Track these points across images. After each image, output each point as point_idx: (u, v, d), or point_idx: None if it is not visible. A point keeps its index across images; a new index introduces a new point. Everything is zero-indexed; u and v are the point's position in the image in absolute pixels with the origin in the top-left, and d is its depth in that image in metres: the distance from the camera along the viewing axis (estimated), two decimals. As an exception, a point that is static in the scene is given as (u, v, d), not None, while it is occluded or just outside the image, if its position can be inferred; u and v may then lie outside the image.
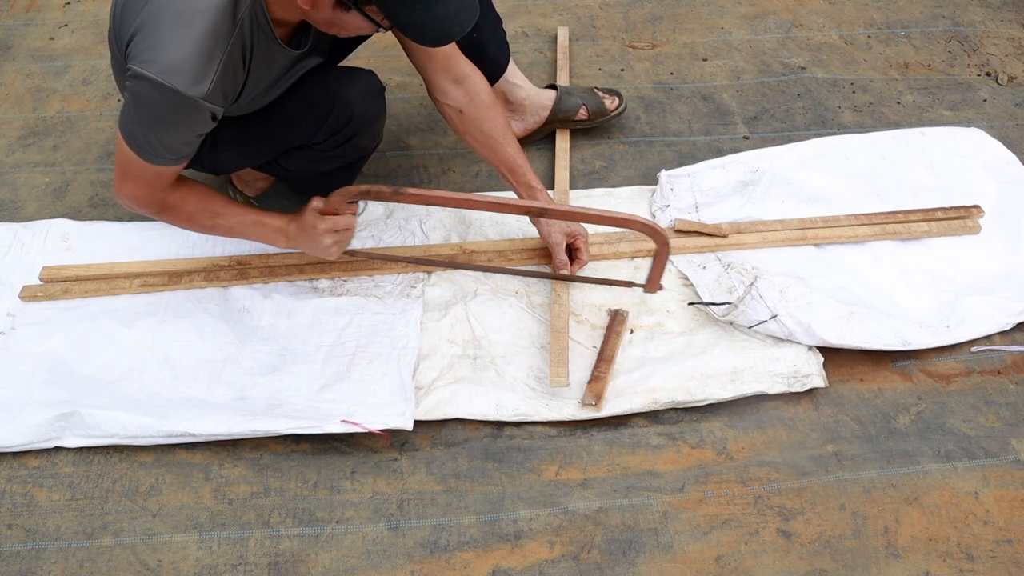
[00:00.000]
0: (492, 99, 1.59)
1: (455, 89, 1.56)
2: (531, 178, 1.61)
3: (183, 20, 1.21)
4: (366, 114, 1.56)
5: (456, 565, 1.33)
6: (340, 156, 1.61)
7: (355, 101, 1.52)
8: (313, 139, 1.54)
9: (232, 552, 1.35)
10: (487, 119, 1.58)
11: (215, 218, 1.47)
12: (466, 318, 1.63)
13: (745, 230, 1.76)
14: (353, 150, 1.61)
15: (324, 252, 1.50)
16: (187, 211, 1.45)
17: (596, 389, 1.48)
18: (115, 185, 1.39)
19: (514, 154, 1.60)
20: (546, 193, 1.63)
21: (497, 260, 1.73)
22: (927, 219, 1.78)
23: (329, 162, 1.62)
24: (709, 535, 1.36)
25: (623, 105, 2.00)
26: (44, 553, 1.35)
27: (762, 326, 1.56)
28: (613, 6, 2.48)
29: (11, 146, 2.04)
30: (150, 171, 1.34)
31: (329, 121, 1.51)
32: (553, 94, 1.95)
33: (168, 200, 1.42)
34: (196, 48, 1.21)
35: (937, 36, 2.38)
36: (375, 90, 1.58)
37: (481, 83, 1.57)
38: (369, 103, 1.56)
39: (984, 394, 1.55)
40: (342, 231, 1.48)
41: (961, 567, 1.32)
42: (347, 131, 1.54)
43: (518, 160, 1.60)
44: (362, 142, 1.61)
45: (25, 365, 1.54)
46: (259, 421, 1.43)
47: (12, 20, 2.44)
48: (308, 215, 1.46)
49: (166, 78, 1.20)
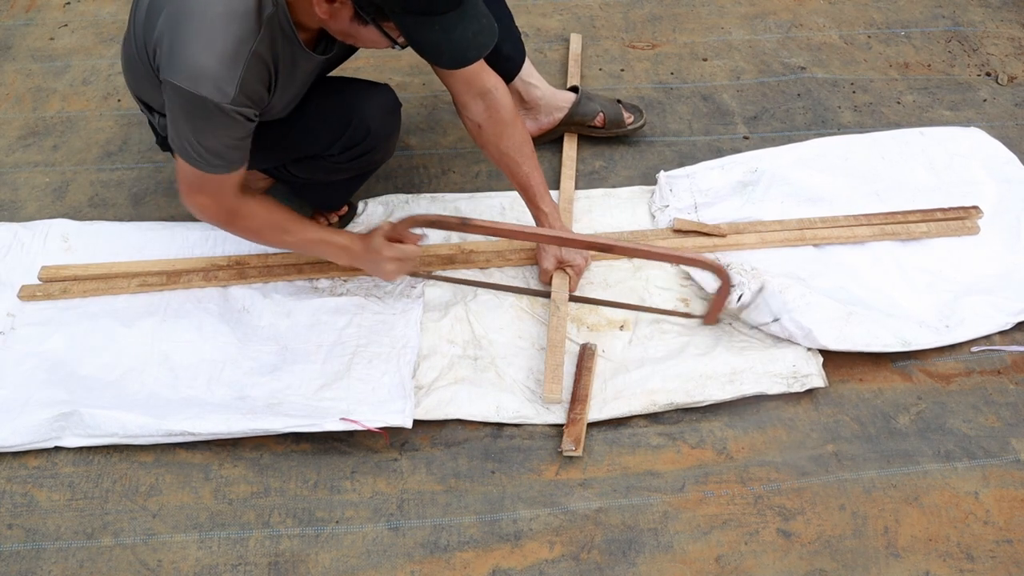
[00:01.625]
0: (512, 116, 1.57)
1: (477, 103, 1.55)
2: (542, 200, 1.61)
3: (206, 24, 1.20)
4: (383, 130, 1.56)
5: (456, 565, 1.33)
6: (351, 169, 1.62)
7: (373, 117, 1.53)
8: (328, 151, 1.55)
9: (232, 552, 1.35)
10: (505, 136, 1.57)
11: (283, 234, 1.48)
12: (466, 318, 1.63)
13: (744, 230, 1.76)
14: (365, 164, 1.62)
15: (385, 275, 1.53)
16: (255, 225, 1.45)
17: (574, 433, 1.45)
18: (184, 197, 1.39)
19: (529, 172, 1.60)
20: (557, 217, 1.63)
21: (496, 260, 1.73)
22: (926, 220, 1.78)
23: (340, 173, 1.63)
24: (709, 535, 1.36)
25: (640, 122, 1.98)
26: (44, 553, 1.35)
27: (764, 327, 1.57)
28: (613, 6, 2.48)
29: (11, 146, 2.04)
30: (210, 181, 1.34)
31: (346, 135, 1.52)
32: (572, 96, 1.95)
33: (237, 211, 1.42)
34: (219, 52, 1.20)
35: (937, 36, 2.38)
36: (392, 106, 1.58)
37: (504, 99, 1.56)
38: (387, 119, 1.57)
39: (984, 394, 1.55)
40: (405, 260, 1.50)
41: (961, 567, 1.32)
42: (363, 146, 1.55)
43: (532, 180, 1.60)
44: (375, 157, 1.62)
45: (25, 365, 1.54)
46: (259, 420, 1.43)
47: (12, 20, 2.44)
48: (376, 239, 1.47)
49: (192, 85, 1.20)
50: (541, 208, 1.62)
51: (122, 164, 1.99)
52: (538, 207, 1.62)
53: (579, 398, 1.49)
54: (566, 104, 1.94)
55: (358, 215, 1.84)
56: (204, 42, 1.20)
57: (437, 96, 2.17)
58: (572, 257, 1.65)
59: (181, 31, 1.21)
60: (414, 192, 1.91)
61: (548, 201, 1.62)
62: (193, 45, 1.20)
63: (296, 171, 1.64)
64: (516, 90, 1.89)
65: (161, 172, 1.96)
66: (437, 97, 2.17)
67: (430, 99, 2.16)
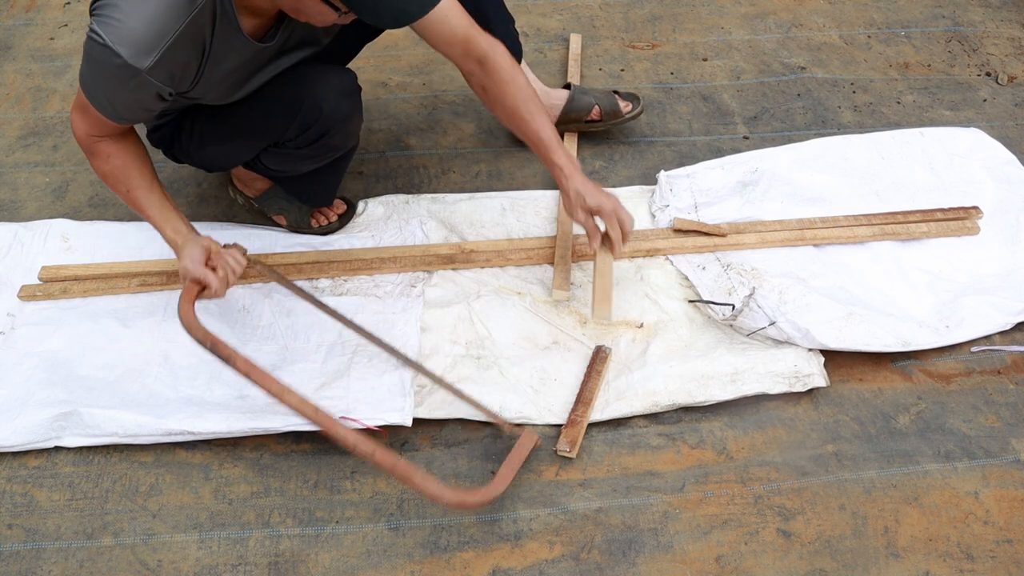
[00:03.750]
0: (513, 74, 1.53)
1: (477, 69, 1.53)
2: (555, 153, 1.53)
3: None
4: (337, 112, 1.53)
5: (456, 565, 1.33)
6: (313, 156, 1.60)
7: (325, 99, 1.50)
8: (284, 136, 1.53)
9: (232, 552, 1.35)
10: (508, 95, 1.53)
11: (128, 192, 1.45)
12: (469, 317, 1.63)
13: (745, 230, 1.76)
14: (325, 149, 1.60)
15: None
16: (107, 168, 1.44)
17: (572, 435, 1.45)
18: (72, 108, 1.40)
19: (538, 128, 1.53)
20: (575, 168, 1.53)
21: (496, 260, 1.73)
22: (926, 220, 1.78)
23: (303, 161, 1.61)
24: (709, 535, 1.36)
25: (638, 109, 1.97)
26: (44, 553, 1.35)
27: (761, 332, 1.56)
28: (613, 6, 2.48)
29: (11, 146, 2.04)
30: (92, 111, 1.34)
31: (299, 118, 1.50)
32: (565, 94, 1.95)
33: (98, 147, 1.42)
34: (148, 20, 1.20)
35: (937, 36, 2.39)
36: (348, 88, 1.56)
37: (501, 59, 1.52)
38: (341, 101, 1.54)
39: (984, 394, 1.55)
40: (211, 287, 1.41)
41: (961, 567, 1.32)
42: (317, 128, 1.52)
43: (542, 135, 1.54)
44: (334, 141, 1.59)
45: (25, 365, 1.54)
46: (259, 419, 1.43)
47: (12, 20, 2.44)
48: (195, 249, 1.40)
49: (114, 42, 1.20)
50: (555, 162, 1.54)
51: (122, 164, 1.99)
52: (552, 161, 1.54)
53: (583, 400, 1.49)
54: (560, 101, 1.94)
55: (358, 215, 1.84)
56: (139, 6, 1.20)
57: (437, 96, 2.17)
58: (601, 202, 1.52)
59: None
60: (414, 192, 1.91)
61: (561, 154, 1.54)
62: (129, 5, 1.20)
63: (267, 163, 1.63)
64: None
65: (161, 172, 1.93)
66: (437, 97, 2.17)
67: (430, 99, 2.16)
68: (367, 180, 1.93)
